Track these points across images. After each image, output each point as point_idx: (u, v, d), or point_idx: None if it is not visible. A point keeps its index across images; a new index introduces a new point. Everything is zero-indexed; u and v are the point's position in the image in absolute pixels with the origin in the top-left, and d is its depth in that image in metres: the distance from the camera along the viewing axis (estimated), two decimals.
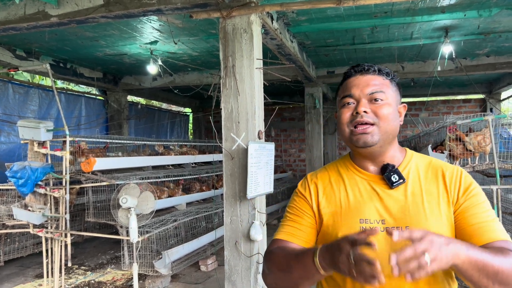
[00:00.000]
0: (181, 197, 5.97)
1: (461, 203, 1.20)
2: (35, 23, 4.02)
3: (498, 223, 1.18)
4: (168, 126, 11.44)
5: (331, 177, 1.35)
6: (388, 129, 1.23)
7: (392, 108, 1.24)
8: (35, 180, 4.37)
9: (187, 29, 5.30)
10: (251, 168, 3.49)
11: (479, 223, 1.15)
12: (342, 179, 1.32)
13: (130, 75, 8.47)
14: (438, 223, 1.18)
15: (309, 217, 1.32)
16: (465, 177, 1.25)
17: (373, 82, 1.25)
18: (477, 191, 1.23)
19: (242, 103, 3.68)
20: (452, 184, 1.23)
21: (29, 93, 7.04)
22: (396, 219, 1.18)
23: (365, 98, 1.23)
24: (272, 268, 1.25)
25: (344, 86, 1.30)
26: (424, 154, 1.35)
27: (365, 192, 1.26)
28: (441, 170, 1.26)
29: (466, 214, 1.18)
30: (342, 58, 7.02)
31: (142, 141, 6.54)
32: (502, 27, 5.39)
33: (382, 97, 1.23)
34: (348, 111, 1.25)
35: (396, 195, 1.22)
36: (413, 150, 1.38)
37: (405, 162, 1.29)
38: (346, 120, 1.25)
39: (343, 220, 1.23)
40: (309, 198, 1.33)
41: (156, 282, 4.72)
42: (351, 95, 1.25)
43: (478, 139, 3.93)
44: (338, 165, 1.37)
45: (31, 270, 5.76)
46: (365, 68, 1.28)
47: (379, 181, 1.26)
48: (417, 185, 1.23)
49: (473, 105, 10.60)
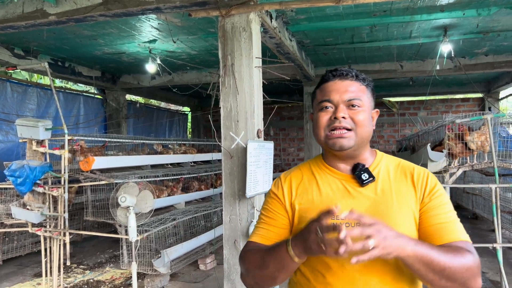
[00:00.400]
0: (180, 196, 5.96)
1: (426, 202, 1.26)
2: (33, 21, 4.01)
3: (459, 224, 1.24)
4: (167, 125, 11.44)
5: (304, 175, 1.39)
6: (363, 135, 1.29)
7: (367, 114, 1.30)
8: (33, 179, 4.36)
9: (186, 28, 5.29)
10: (250, 167, 3.49)
11: (440, 223, 1.22)
12: (315, 178, 1.36)
13: (129, 74, 8.46)
14: (407, 219, 1.24)
15: (282, 217, 1.35)
16: (431, 178, 1.31)
17: (351, 89, 1.29)
18: (441, 192, 1.29)
19: (241, 102, 3.68)
20: (419, 184, 1.29)
21: (27, 92, 7.03)
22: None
23: (343, 104, 1.28)
24: (249, 267, 1.29)
25: (322, 89, 1.34)
26: (393, 156, 1.42)
27: (337, 190, 1.31)
28: (410, 171, 1.33)
29: (429, 214, 1.24)
30: (341, 57, 7.02)
31: (140, 140, 6.53)
32: (501, 26, 5.39)
33: (359, 103, 1.28)
34: (326, 115, 1.30)
35: (366, 193, 1.28)
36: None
37: (375, 163, 1.35)
38: (323, 124, 1.30)
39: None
40: (282, 197, 1.37)
41: (155, 281, 4.72)
42: (330, 100, 1.29)
43: (482, 139, 3.92)
44: (310, 164, 1.42)
45: (30, 269, 5.75)
46: (344, 73, 1.32)
47: (350, 180, 1.31)
48: (386, 184, 1.29)
49: (471, 104, 10.61)
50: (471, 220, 8.38)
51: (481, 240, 6.69)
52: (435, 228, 1.22)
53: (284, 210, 1.36)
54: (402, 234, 1.08)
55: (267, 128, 11.09)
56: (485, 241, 6.55)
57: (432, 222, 1.23)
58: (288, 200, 1.36)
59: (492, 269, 5.32)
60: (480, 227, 7.76)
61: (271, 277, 1.24)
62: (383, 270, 1.20)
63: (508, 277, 4.39)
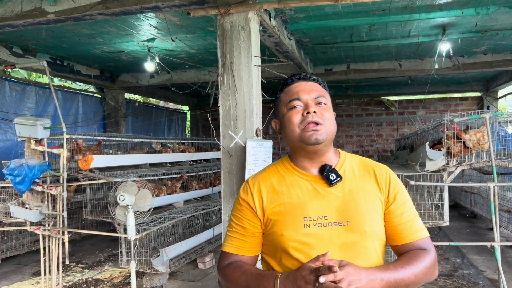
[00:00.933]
0: (178, 194, 5.96)
1: (391, 201, 1.35)
2: (32, 20, 4.01)
3: (419, 219, 1.37)
4: (166, 124, 11.43)
5: (272, 179, 1.41)
6: (331, 130, 1.35)
7: (332, 113, 1.38)
8: (32, 178, 4.36)
9: (185, 27, 5.29)
10: (248, 165, 3.49)
11: (405, 222, 1.33)
12: (284, 180, 1.39)
13: (128, 73, 8.45)
14: (374, 216, 1.31)
15: (253, 225, 1.37)
16: (393, 176, 1.39)
17: (316, 88, 1.38)
18: (403, 189, 1.39)
19: (240, 100, 3.68)
20: (383, 182, 1.37)
21: (26, 91, 7.02)
22: (337, 215, 1.29)
23: (312, 101, 1.34)
24: (230, 286, 1.31)
25: (288, 91, 1.40)
26: (355, 155, 1.48)
27: (306, 192, 1.34)
28: (372, 169, 1.40)
29: (395, 213, 1.34)
30: (339, 56, 7.02)
31: (139, 138, 6.53)
32: (500, 25, 5.40)
33: (325, 101, 1.36)
34: (298, 113, 1.34)
35: (335, 192, 1.33)
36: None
37: (340, 162, 1.40)
38: (296, 121, 1.33)
39: (288, 219, 1.31)
40: (253, 203, 1.37)
41: (153, 279, 4.72)
42: (299, 98, 1.35)
43: (478, 136, 3.94)
44: (277, 167, 1.44)
45: (29, 268, 5.75)
46: (306, 76, 1.41)
47: (319, 181, 1.35)
48: (353, 183, 1.35)
49: (470, 103, 10.63)
50: (469, 219, 8.40)
51: (480, 239, 6.71)
52: (400, 228, 1.32)
53: (256, 217, 1.36)
54: (369, 271, 1.15)
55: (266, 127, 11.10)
56: (483, 239, 6.57)
57: (398, 222, 1.33)
58: (259, 206, 1.36)
59: (490, 267, 5.33)
60: (479, 226, 7.78)
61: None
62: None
63: (506, 276, 4.40)
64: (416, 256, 1.27)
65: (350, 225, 1.28)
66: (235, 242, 1.38)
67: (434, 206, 4.34)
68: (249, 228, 1.37)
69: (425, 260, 1.26)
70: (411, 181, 3.99)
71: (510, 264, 5.43)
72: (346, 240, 1.27)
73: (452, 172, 4.16)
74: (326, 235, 1.27)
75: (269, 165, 1.50)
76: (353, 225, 1.28)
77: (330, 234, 1.27)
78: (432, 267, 1.28)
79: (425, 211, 4.35)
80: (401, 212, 1.34)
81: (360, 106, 11.01)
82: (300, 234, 1.28)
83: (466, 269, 5.34)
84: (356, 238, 1.27)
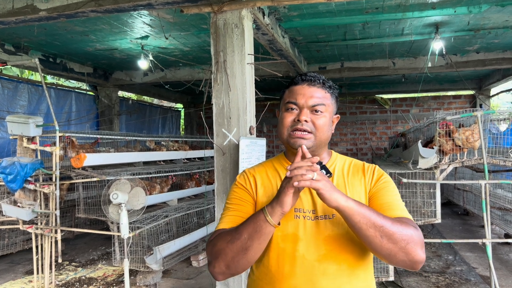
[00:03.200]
0: (172, 193, 5.95)
1: (373, 187, 1.41)
2: (23, 17, 3.97)
3: (403, 205, 1.38)
4: (160, 122, 11.39)
5: (267, 171, 1.49)
6: (322, 138, 1.39)
7: (328, 119, 1.41)
8: (24, 176, 4.33)
9: (178, 24, 5.27)
10: (242, 163, 3.49)
11: (387, 202, 1.36)
12: (278, 174, 1.47)
13: (121, 70, 8.41)
14: None
15: (250, 205, 1.43)
16: (378, 170, 1.46)
17: (317, 95, 1.40)
18: (388, 180, 1.44)
19: (234, 98, 3.67)
20: (368, 175, 1.44)
21: (18, 88, 6.96)
22: (324, 209, 1.35)
23: (307, 108, 1.38)
24: (219, 247, 1.29)
25: (290, 91, 1.44)
26: (346, 156, 1.56)
27: None
28: (361, 167, 1.47)
29: (377, 195, 1.38)
30: (333, 54, 7.03)
31: (133, 136, 6.51)
32: (492, 23, 5.43)
33: (322, 109, 1.39)
34: (291, 116, 1.40)
35: None
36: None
37: (331, 161, 1.49)
38: (287, 123, 1.40)
39: None
40: (250, 188, 1.45)
41: (147, 277, 4.72)
42: (296, 102, 1.39)
43: (467, 135, 3.97)
44: (273, 162, 1.53)
45: (21, 266, 5.72)
46: (312, 78, 1.42)
47: None
48: (341, 179, 1.43)
49: (463, 101, 10.69)
50: (462, 216, 8.47)
51: (471, 236, 6.77)
52: (380, 205, 1.35)
53: (252, 199, 1.44)
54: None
55: (260, 125, 11.10)
56: (475, 236, 6.62)
57: (378, 202, 1.36)
58: (255, 192, 1.45)
59: (482, 264, 5.38)
60: (471, 223, 7.84)
61: (242, 249, 1.25)
62: (340, 258, 1.32)
63: (497, 272, 4.45)
64: (398, 218, 1.28)
65: (336, 218, 1.34)
66: (230, 219, 1.39)
67: (427, 203, 4.37)
68: (245, 206, 1.41)
69: (406, 225, 1.24)
70: (403, 178, 4.01)
71: (502, 261, 5.48)
72: (332, 233, 1.33)
73: (444, 170, 4.19)
74: (313, 228, 1.34)
75: (265, 160, 1.58)
76: (339, 219, 1.33)
77: (317, 227, 1.33)
78: (414, 237, 1.23)
79: (417, 209, 4.38)
80: (383, 194, 1.38)
81: (354, 104, 11.03)
82: (289, 225, 1.34)
83: (458, 266, 5.39)
84: (341, 231, 1.33)
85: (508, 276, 4.91)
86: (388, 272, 4.46)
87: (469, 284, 4.71)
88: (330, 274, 1.30)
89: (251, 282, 1.44)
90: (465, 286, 4.64)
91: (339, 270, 1.31)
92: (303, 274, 1.30)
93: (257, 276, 1.40)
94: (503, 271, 5.07)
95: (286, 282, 1.31)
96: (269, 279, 1.35)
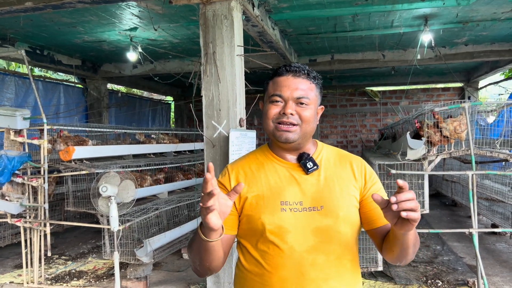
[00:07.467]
0: (162, 185, 5.93)
1: (367, 189, 1.41)
2: (8, 7, 3.90)
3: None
4: (150, 115, 11.32)
5: (251, 164, 1.46)
6: (307, 130, 1.39)
7: (313, 111, 1.40)
8: (12, 169, 4.29)
9: (167, 16, 5.22)
10: (232, 155, 3.49)
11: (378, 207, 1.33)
12: (263, 166, 1.44)
13: (110, 63, 8.32)
14: (348, 203, 1.38)
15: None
16: (367, 166, 1.47)
17: (302, 86, 1.37)
18: (376, 178, 1.46)
19: (223, 90, 3.66)
20: (358, 172, 1.43)
21: (5, 81, 6.86)
22: (312, 200, 1.35)
23: (292, 100, 1.36)
24: (191, 255, 1.34)
25: (275, 82, 1.41)
26: (332, 146, 1.55)
27: (284, 178, 1.40)
28: (349, 160, 1.47)
29: (369, 199, 1.38)
30: (323, 46, 7.03)
31: (122, 129, 6.46)
32: (480, 16, 5.47)
33: (306, 101, 1.37)
34: (276, 108, 1.38)
35: (311, 180, 1.39)
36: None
37: (317, 152, 1.47)
38: (272, 116, 1.38)
39: (266, 203, 1.36)
40: (228, 185, 1.43)
41: (137, 270, 4.71)
42: (281, 95, 1.37)
43: (454, 125, 4.01)
44: (257, 154, 1.51)
45: (10, 260, 5.68)
46: (297, 69, 1.39)
47: (297, 168, 1.41)
48: (329, 171, 1.42)
49: (452, 94, 10.79)
50: (450, 207, 8.59)
51: (459, 226, 6.86)
52: (375, 212, 1.38)
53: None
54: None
55: (251, 117, 11.07)
56: (463, 226, 6.72)
57: (374, 206, 1.37)
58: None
59: (469, 254, 5.47)
60: (459, 214, 7.95)
61: (201, 259, 1.29)
62: (329, 249, 1.33)
63: (484, 262, 4.53)
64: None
65: (324, 210, 1.34)
66: None
67: (415, 194, 4.42)
68: None
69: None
70: (392, 170, 4.04)
71: (489, 251, 5.58)
72: (320, 224, 1.33)
73: (432, 161, 4.23)
74: (300, 220, 1.33)
75: (248, 153, 1.55)
76: (327, 210, 1.34)
77: (305, 219, 1.33)
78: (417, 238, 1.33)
79: None
80: (382, 194, 1.38)
81: (344, 97, 11.07)
82: (276, 218, 1.33)
83: (446, 255, 5.47)
84: (329, 222, 1.33)
85: (494, 265, 5.00)
86: (377, 262, 4.51)
87: (457, 273, 4.78)
88: (319, 265, 1.32)
89: (240, 274, 1.44)
90: (452, 275, 4.71)
91: (327, 261, 1.33)
92: (292, 265, 1.31)
93: (247, 268, 1.40)
94: (490, 260, 5.16)
95: (275, 274, 1.32)
96: (258, 271, 1.36)
